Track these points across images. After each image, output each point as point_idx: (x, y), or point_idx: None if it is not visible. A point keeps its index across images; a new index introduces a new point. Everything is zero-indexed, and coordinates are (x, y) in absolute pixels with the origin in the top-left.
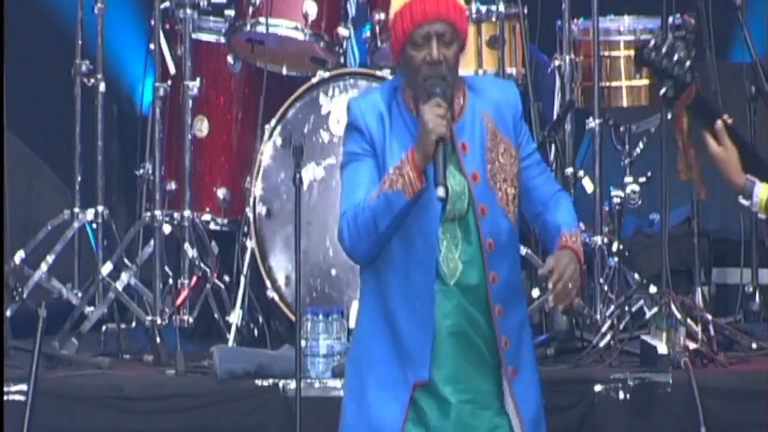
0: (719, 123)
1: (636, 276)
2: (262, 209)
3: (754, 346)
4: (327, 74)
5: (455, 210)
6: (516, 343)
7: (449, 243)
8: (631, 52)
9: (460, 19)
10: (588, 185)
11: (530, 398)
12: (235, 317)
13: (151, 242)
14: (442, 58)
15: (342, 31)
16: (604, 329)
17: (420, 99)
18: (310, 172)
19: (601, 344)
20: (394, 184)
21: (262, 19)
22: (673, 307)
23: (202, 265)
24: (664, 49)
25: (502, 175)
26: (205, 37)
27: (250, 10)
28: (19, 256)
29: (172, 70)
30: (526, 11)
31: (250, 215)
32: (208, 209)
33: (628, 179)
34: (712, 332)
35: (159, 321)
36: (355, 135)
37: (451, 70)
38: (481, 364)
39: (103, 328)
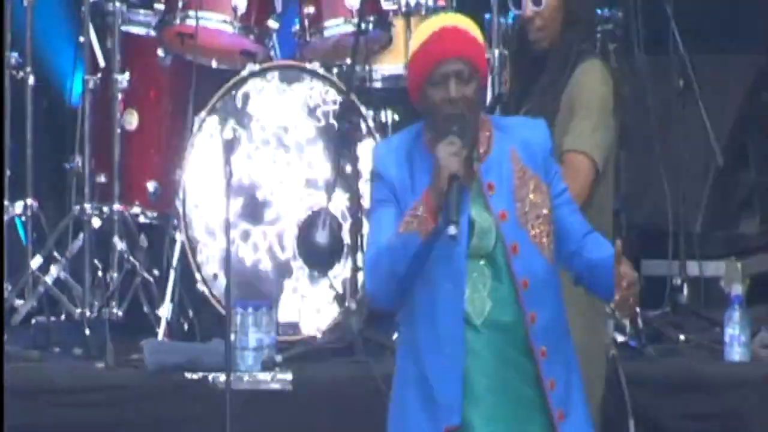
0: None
1: None
2: (191, 202)
3: (682, 338)
4: (257, 67)
5: (481, 246)
6: (565, 384)
7: (476, 281)
8: None
9: (479, 56)
10: None
11: None
12: (164, 311)
13: (81, 235)
14: (460, 97)
15: (271, 24)
16: None
17: (439, 139)
18: (240, 165)
19: None
20: (409, 225)
21: (191, 13)
22: None
23: (131, 258)
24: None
25: (534, 213)
26: (135, 30)
27: (180, 3)
28: None
29: (101, 63)
30: (454, 4)
31: (180, 208)
32: (137, 202)
33: None
34: (640, 325)
35: (89, 314)
36: (377, 183)
37: (471, 107)
38: (524, 406)
39: (33, 321)
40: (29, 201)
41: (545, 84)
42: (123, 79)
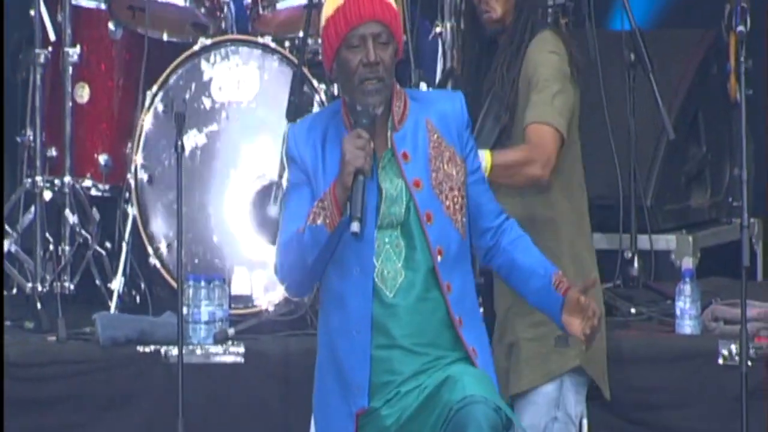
0: None
1: None
2: (143, 176)
3: (633, 311)
4: (209, 41)
5: (390, 214)
6: (482, 351)
7: (389, 252)
8: None
9: (394, 21)
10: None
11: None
12: (116, 284)
13: (32, 209)
14: (378, 60)
15: None
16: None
17: (357, 104)
18: (192, 139)
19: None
20: (317, 218)
21: None
22: None
23: (83, 231)
24: None
25: (449, 184)
26: (85, 3)
27: None
28: None
29: (52, 36)
30: None
31: (132, 182)
32: (89, 175)
33: None
34: None
35: (40, 288)
36: (291, 165)
37: (388, 72)
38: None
39: None
40: None
41: (500, 72)
42: (74, 52)
